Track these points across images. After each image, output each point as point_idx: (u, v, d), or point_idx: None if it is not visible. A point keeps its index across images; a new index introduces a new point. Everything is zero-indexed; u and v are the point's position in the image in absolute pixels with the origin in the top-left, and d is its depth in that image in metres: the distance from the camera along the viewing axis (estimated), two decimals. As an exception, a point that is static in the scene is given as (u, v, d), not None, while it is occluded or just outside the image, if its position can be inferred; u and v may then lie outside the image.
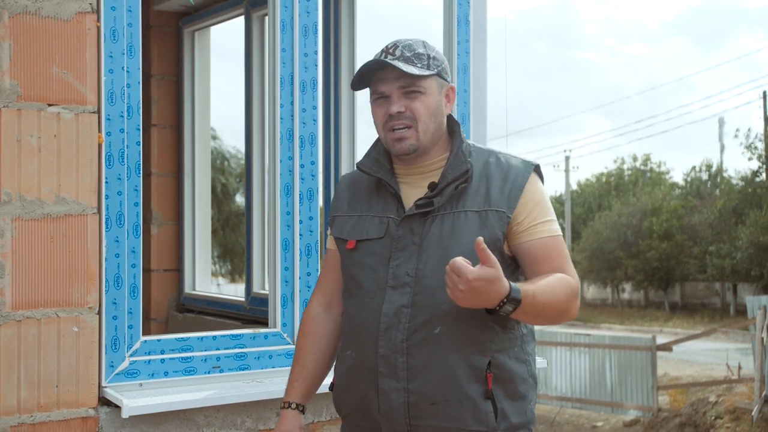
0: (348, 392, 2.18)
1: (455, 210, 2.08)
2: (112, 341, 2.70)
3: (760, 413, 12.03)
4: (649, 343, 14.67)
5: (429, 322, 2.04)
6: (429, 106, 2.11)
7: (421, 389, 2.05)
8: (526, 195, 2.10)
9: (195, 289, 4.89)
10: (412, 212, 2.09)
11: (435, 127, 2.13)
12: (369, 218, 2.17)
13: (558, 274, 2.06)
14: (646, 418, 14.15)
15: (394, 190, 2.14)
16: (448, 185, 2.09)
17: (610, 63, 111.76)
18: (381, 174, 2.17)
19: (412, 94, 2.11)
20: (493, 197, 2.09)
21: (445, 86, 2.16)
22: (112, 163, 2.69)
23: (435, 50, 2.16)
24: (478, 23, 3.47)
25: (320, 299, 2.33)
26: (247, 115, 4.50)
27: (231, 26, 5.95)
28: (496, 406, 2.05)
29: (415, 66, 2.09)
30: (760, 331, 12.46)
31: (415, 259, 2.07)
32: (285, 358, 3.04)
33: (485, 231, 2.05)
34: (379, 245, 2.12)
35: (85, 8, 2.64)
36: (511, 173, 2.12)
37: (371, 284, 2.12)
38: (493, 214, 2.07)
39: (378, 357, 2.08)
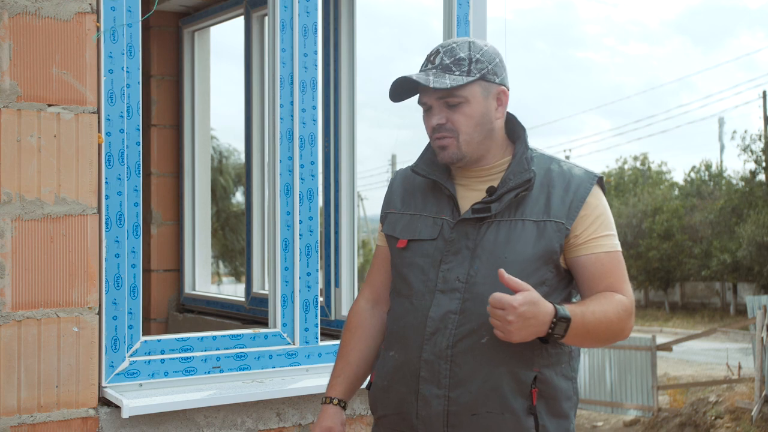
0: (387, 393, 2.12)
1: (513, 218, 2.01)
2: (112, 341, 2.70)
3: (760, 413, 12.03)
4: (648, 342, 14.67)
5: (476, 331, 1.98)
6: (472, 116, 2.02)
7: (463, 399, 1.99)
8: (587, 207, 2.02)
9: (195, 289, 4.89)
10: (468, 216, 2.02)
11: (482, 135, 2.04)
12: (423, 218, 2.10)
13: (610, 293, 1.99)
14: (646, 418, 14.15)
15: (450, 192, 2.07)
16: (508, 192, 2.01)
17: (610, 63, 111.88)
18: (436, 176, 2.10)
19: (454, 104, 2.03)
20: (554, 207, 2.01)
21: (493, 89, 2.04)
22: (112, 163, 2.69)
23: (482, 50, 2.04)
24: (478, 23, 3.47)
25: (367, 295, 2.29)
26: (247, 115, 4.50)
27: (231, 26, 5.95)
28: (538, 422, 1.98)
29: (452, 74, 2.00)
30: (760, 330, 12.47)
31: (468, 264, 2.01)
32: (285, 358, 3.04)
33: (542, 242, 1.99)
34: (432, 247, 2.06)
35: (85, 8, 2.64)
36: (573, 183, 2.04)
37: (420, 286, 2.06)
38: (552, 225, 2.00)
39: (421, 361, 2.02)
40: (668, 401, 14.80)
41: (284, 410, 2.96)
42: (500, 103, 2.06)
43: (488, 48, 2.06)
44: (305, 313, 3.10)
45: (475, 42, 2.06)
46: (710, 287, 31.56)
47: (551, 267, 2.00)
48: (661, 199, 32.82)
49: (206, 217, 4.94)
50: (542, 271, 2.00)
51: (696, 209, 30.98)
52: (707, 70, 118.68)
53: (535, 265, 1.99)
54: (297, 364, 3.06)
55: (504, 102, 2.06)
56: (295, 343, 3.08)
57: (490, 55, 2.04)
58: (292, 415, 2.97)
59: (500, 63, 2.06)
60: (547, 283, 2.00)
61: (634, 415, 14.52)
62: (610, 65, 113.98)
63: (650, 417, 14.06)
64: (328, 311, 3.84)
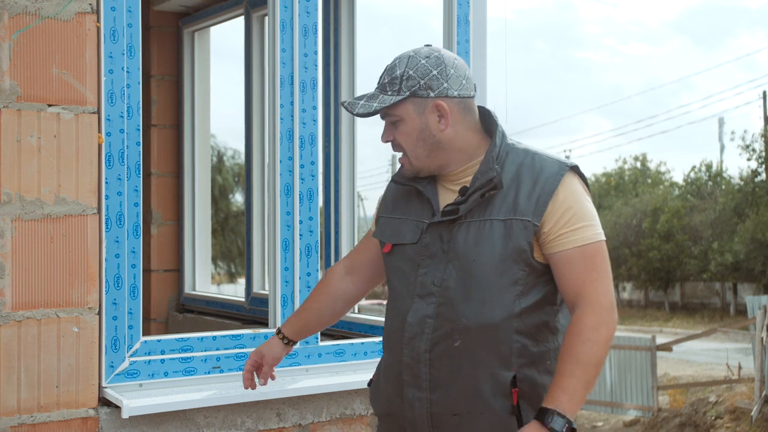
0: (379, 393, 2.19)
1: (482, 218, 2.00)
2: (112, 341, 2.70)
3: (760, 413, 12.03)
4: (648, 343, 14.67)
5: (449, 335, 2.00)
6: (409, 134, 2.04)
7: (443, 401, 2.01)
8: (555, 201, 1.97)
9: (195, 290, 4.89)
10: (438, 219, 2.03)
11: (428, 149, 2.03)
12: (408, 222, 2.12)
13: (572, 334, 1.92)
14: (646, 418, 14.15)
15: (428, 196, 2.08)
16: (475, 192, 2.00)
17: (610, 63, 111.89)
18: (415, 182, 2.10)
19: (393, 122, 2.06)
20: (521, 204, 1.98)
21: (428, 104, 2.01)
22: (112, 163, 2.69)
23: (418, 65, 2.01)
24: (478, 23, 3.47)
25: (346, 263, 2.40)
26: (247, 115, 4.50)
27: (231, 26, 5.95)
28: (522, 421, 1.97)
29: (385, 94, 2.02)
30: (760, 330, 12.47)
31: (442, 267, 2.02)
32: (285, 358, 3.04)
33: (509, 242, 1.96)
34: (413, 250, 2.07)
35: (85, 9, 2.64)
36: (542, 177, 1.99)
37: (402, 290, 2.09)
38: (518, 223, 1.96)
39: (402, 365, 2.05)
40: (668, 401, 14.80)
41: (284, 410, 2.96)
42: (442, 114, 2.02)
43: (429, 60, 2.02)
44: (305, 313, 3.09)
45: (416, 55, 2.03)
46: (710, 287, 31.57)
47: (522, 266, 1.97)
48: (661, 199, 32.82)
49: (206, 217, 4.94)
50: (513, 271, 1.97)
51: (696, 209, 30.98)
52: (707, 71, 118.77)
53: (504, 265, 1.97)
54: (297, 364, 3.06)
55: (445, 113, 2.02)
56: (295, 343, 3.08)
57: (425, 69, 2.01)
58: (292, 415, 2.97)
59: (440, 74, 2.01)
60: (519, 282, 1.98)
61: (634, 415, 14.53)
62: (610, 65, 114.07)
63: (650, 417, 14.06)
64: (328, 311, 3.83)
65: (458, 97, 2.03)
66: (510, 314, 1.97)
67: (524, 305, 1.98)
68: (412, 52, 2.05)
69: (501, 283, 1.96)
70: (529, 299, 1.98)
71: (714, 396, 13.55)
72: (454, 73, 2.03)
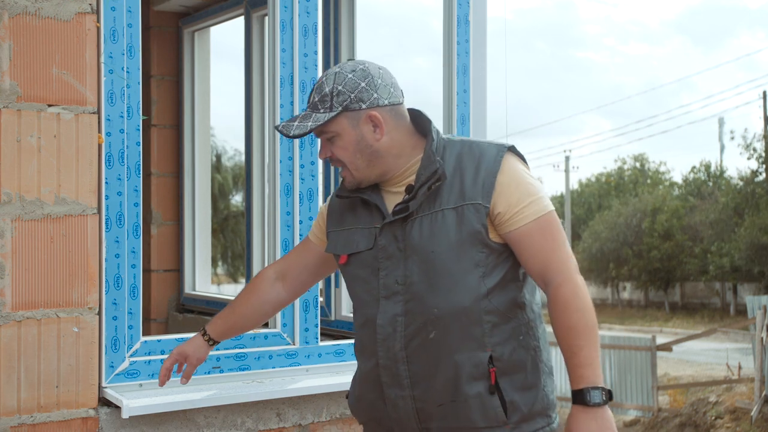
0: (361, 402, 2.21)
1: (433, 210, 2.04)
2: (112, 341, 2.70)
3: (760, 413, 12.03)
4: (648, 343, 14.67)
5: (423, 328, 2.03)
6: (347, 147, 2.08)
7: (426, 394, 2.05)
8: (500, 182, 2.03)
9: (195, 290, 4.89)
10: (390, 219, 2.07)
11: (367, 159, 2.08)
12: (359, 230, 2.15)
13: (561, 309, 1.97)
14: (646, 418, 14.16)
15: (376, 202, 2.12)
16: (421, 187, 2.05)
17: (610, 63, 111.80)
18: (359, 192, 2.15)
19: (330, 138, 2.10)
20: (468, 190, 2.03)
21: (362, 116, 2.06)
22: (112, 163, 2.69)
23: (346, 79, 2.05)
24: (478, 23, 3.47)
25: (277, 268, 2.43)
26: (247, 115, 4.50)
27: (231, 26, 5.95)
28: (504, 399, 2.02)
29: (318, 112, 2.06)
30: (760, 330, 12.47)
31: (402, 266, 2.06)
32: (285, 359, 3.04)
33: (463, 227, 2.01)
34: (369, 256, 2.11)
35: (85, 9, 2.64)
36: (483, 162, 2.05)
37: (366, 296, 2.12)
38: (469, 207, 2.02)
39: (380, 367, 2.09)
40: (668, 401, 14.80)
41: (284, 410, 2.96)
42: (376, 124, 2.07)
43: (355, 73, 2.06)
44: (305, 313, 3.10)
45: (342, 71, 2.07)
46: (710, 287, 31.57)
47: (481, 248, 2.02)
48: (661, 199, 32.82)
49: (206, 217, 4.94)
50: (472, 254, 2.02)
51: (696, 209, 30.98)
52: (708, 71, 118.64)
53: (462, 249, 2.01)
54: (297, 365, 3.06)
55: (379, 122, 2.07)
56: (295, 343, 3.08)
57: (354, 83, 2.05)
58: (292, 415, 2.97)
59: (368, 85, 2.05)
60: (481, 264, 2.02)
61: (634, 415, 14.53)
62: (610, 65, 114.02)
63: (650, 417, 14.06)
64: (328, 311, 3.84)
65: (389, 105, 2.08)
66: (478, 295, 2.01)
67: (490, 285, 2.02)
68: (337, 68, 2.10)
69: (463, 267, 2.01)
70: (493, 279, 2.03)
71: (714, 396, 13.55)
72: (381, 82, 2.08)
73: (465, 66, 3.43)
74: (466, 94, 3.44)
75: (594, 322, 1.98)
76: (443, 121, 3.46)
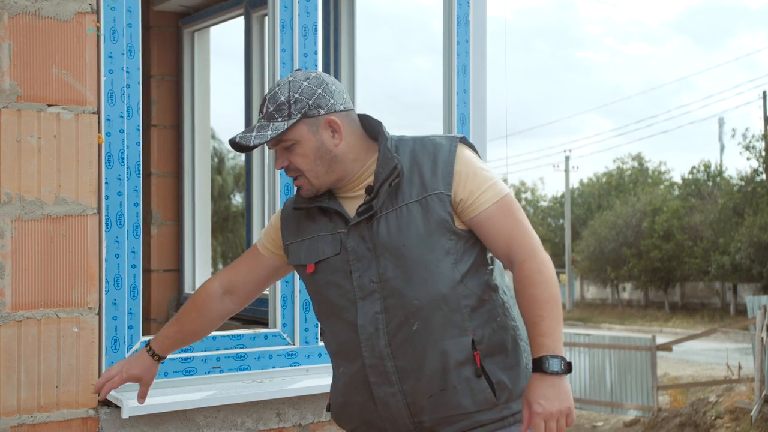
0: (346, 409, 2.21)
1: (396, 206, 2.08)
2: (112, 342, 2.70)
3: (760, 413, 12.03)
4: (649, 343, 14.67)
5: (405, 321, 2.06)
6: (306, 154, 2.08)
7: (416, 387, 2.07)
8: (458, 170, 2.08)
9: (195, 290, 4.88)
10: (356, 221, 2.09)
11: (326, 165, 2.09)
12: (321, 238, 2.16)
13: (525, 284, 2.03)
14: (646, 418, 14.15)
15: (335, 209, 2.13)
16: (382, 185, 2.08)
17: (610, 62, 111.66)
18: (317, 201, 2.16)
19: (288, 147, 2.10)
20: (428, 182, 2.08)
21: (321, 122, 2.07)
22: (112, 163, 2.69)
23: (302, 87, 2.07)
24: (477, 23, 3.47)
25: (224, 282, 2.38)
26: (247, 115, 4.50)
27: (231, 26, 5.95)
28: (491, 380, 2.06)
29: (276, 121, 2.06)
30: (760, 330, 12.47)
31: (374, 264, 2.07)
32: (285, 359, 3.04)
33: (430, 217, 2.06)
34: (339, 261, 2.12)
35: (85, 9, 2.64)
36: (439, 153, 2.10)
37: (341, 300, 2.12)
38: (432, 198, 2.06)
39: (366, 368, 2.10)
40: (668, 401, 14.80)
41: (284, 410, 2.96)
42: (335, 130, 2.09)
43: (310, 81, 2.08)
44: (305, 313, 3.10)
45: (295, 79, 2.09)
46: (710, 287, 31.56)
47: (449, 236, 2.07)
48: (660, 199, 32.82)
49: (206, 217, 4.94)
50: (441, 242, 2.06)
51: (696, 209, 30.98)
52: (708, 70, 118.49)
53: (432, 239, 2.06)
54: (297, 364, 3.06)
55: (338, 127, 2.09)
56: (295, 343, 3.08)
57: (310, 90, 2.07)
58: (292, 415, 2.97)
59: (324, 91, 2.08)
60: (451, 251, 2.07)
61: (634, 415, 14.52)
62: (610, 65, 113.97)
63: (650, 417, 14.06)
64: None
65: (344, 110, 2.11)
66: (453, 282, 2.06)
67: (463, 270, 2.07)
68: (289, 77, 2.11)
69: (435, 257, 2.05)
70: (465, 264, 2.08)
71: (714, 396, 13.54)
72: (336, 88, 2.11)
73: (465, 66, 3.43)
74: (466, 94, 3.44)
75: (557, 295, 2.04)
76: (443, 121, 3.46)
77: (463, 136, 2.17)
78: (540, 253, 2.07)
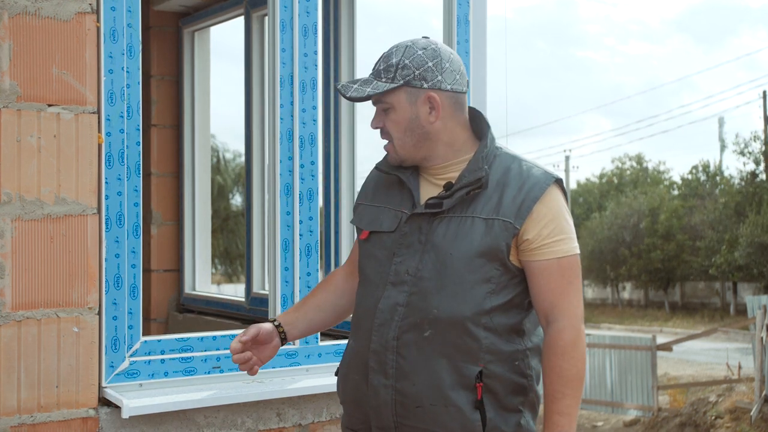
0: (345, 381, 2.20)
1: (464, 214, 2.03)
2: (112, 341, 2.70)
3: (760, 413, 12.03)
4: (649, 343, 14.67)
5: (419, 325, 2.03)
6: (398, 122, 2.06)
7: (408, 390, 2.04)
8: (539, 209, 2.01)
9: (195, 290, 4.89)
10: (421, 210, 2.06)
11: (415, 139, 2.06)
12: (387, 210, 2.14)
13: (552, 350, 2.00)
14: (646, 417, 14.15)
15: (410, 187, 2.10)
16: (461, 189, 2.03)
17: (610, 62, 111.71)
18: (399, 171, 2.13)
19: (385, 109, 2.08)
20: (504, 206, 2.01)
21: (421, 95, 2.04)
22: (112, 163, 2.69)
23: (414, 55, 2.03)
24: (477, 23, 3.47)
25: (346, 267, 2.37)
26: (247, 115, 4.50)
27: (231, 26, 5.95)
28: (485, 416, 2.01)
29: (380, 80, 2.04)
30: (760, 330, 12.47)
31: (418, 258, 2.05)
32: (285, 358, 3.04)
33: (488, 239, 2.00)
34: (390, 239, 2.10)
35: (85, 8, 2.64)
36: (528, 183, 2.03)
37: (376, 277, 2.11)
38: (500, 223, 2.00)
39: (370, 351, 2.08)
40: (668, 401, 14.80)
41: (284, 410, 2.96)
42: (433, 106, 2.05)
43: (426, 51, 2.04)
44: (305, 313, 3.09)
45: (414, 45, 2.05)
46: (710, 287, 31.57)
47: (497, 265, 2.01)
48: (659, 199, 32.82)
49: (206, 217, 4.94)
50: (486, 268, 2.01)
51: (695, 209, 30.98)
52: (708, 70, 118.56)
53: (480, 261, 2.01)
54: (297, 364, 3.06)
55: (437, 105, 2.05)
56: (295, 343, 3.08)
57: (421, 60, 2.03)
58: (292, 415, 2.97)
59: (435, 66, 2.03)
60: (492, 280, 2.02)
61: (634, 415, 14.53)
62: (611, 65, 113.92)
63: (650, 417, 14.06)
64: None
65: (451, 91, 2.06)
66: (480, 310, 2.00)
67: (494, 303, 2.02)
68: (409, 41, 2.07)
69: (474, 278, 2.01)
70: (500, 298, 2.02)
71: (714, 396, 13.55)
72: (449, 66, 2.06)
73: (465, 66, 3.43)
74: (466, 94, 3.43)
75: (583, 375, 2.00)
76: (443, 121, 3.46)
77: (560, 178, 2.09)
78: (580, 325, 2.01)
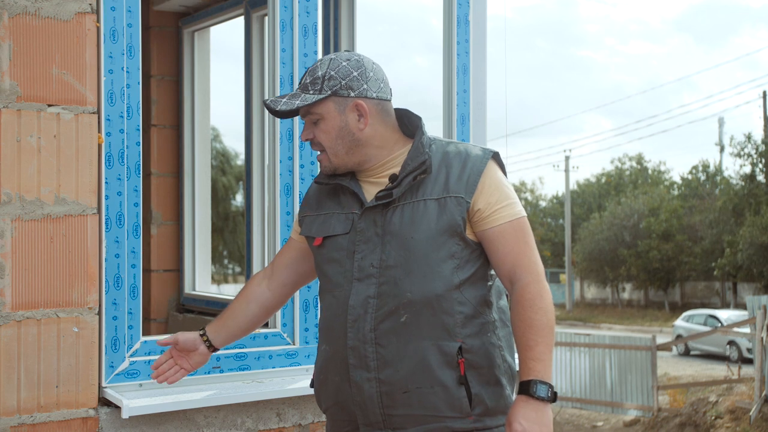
0: (325, 386, 2.23)
1: (415, 199, 2.11)
2: (112, 342, 2.70)
3: (760, 413, 12.04)
4: (649, 342, 14.68)
5: (395, 311, 2.08)
6: (329, 131, 2.14)
7: (392, 378, 2.08)
8: (484, 181, 2.12)
9: (195, 290, 4.88)
10: (372, 204, 2.13)
11: (347, 146, 2.15)
12: (335, 215, 2.21)
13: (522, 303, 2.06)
14: (646, 418, 14.16)
15: (354, 190, 2.18)
16: (407, 176, 2.12)
17: (611, 62, 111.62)
18: (338, 180, 2.21)
19: (314, 121, 2.16)
20: (452, 184, 2.11)
21: (349, 103, 2.13)
22: (112, 163, 2.69)
23: (340, 66, 2.12)
24: (477, 23, 3.47)
25: (267, 271, 2.47)
26: (247, 115, 4.50)
27: (231, 26, 5.95)
28: (470, 391, 2.07)
29: (308, 93, 2.13)
30: (760, 330, 12.47)
31: (379, 250, 2.11)
32: (285, 358, 3.04)
33: (444, 217, 2.09)
34: (345, 240, 2.17)
35: (85, 9, 2.64)
36: (470, 161, 2.14)
37: (339, 278, 2.16)
38: (452, 200, 2.10)
39: (348, 349, 2.12)
40: (668, 401, 14.80)
41: (284, 410, 2.96)
42: (361, 114, 2.14)
43: (350, 63, 2.14)
44: (305, 313, 3.10)
45: (337, 58, 2.15)
46: (710, 287, 31.58)
47: (457, 240, 2.11)
48: (659, 199, 32.82)
49: (206, 217, 4.94)
50: (449, 245, 2.10)
51: (695, 209, 30.99)
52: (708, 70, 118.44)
53: (441, 239, 2.09)
54: (297, 364, 3.06)
55: (365, 112, 2.14)
56: (295, 343, 3.08)
57: (346, 70, 2.12)
58: (292, 415, 2.97)
59: (360, 75, 2.13)
60: (456, 256, 2.10)
61: (634, 415, 14.53)
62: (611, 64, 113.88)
63: (650, 417, 14.07)
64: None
65: (376, 98, 2.16)
66: (450, 286, 2.09)
67: (462, 277, 2.10)
68: (333, 55, 2.17)
69: (439, 256, 2.09)
70: (466, 272, 2.11)
71: (714, 396, 13.55)
72: (373, 75, 2.16)
73: (465, 66, 3.43)
74: (466, 94, 3.44)
75: (553, 324, 2.07)
76: (443, 121, 3.46)
77: (497, 152, 2.20)
78: (543, 280, 2.10)
